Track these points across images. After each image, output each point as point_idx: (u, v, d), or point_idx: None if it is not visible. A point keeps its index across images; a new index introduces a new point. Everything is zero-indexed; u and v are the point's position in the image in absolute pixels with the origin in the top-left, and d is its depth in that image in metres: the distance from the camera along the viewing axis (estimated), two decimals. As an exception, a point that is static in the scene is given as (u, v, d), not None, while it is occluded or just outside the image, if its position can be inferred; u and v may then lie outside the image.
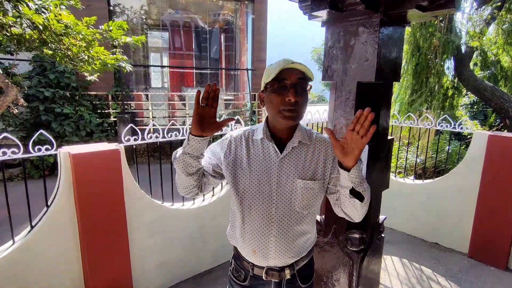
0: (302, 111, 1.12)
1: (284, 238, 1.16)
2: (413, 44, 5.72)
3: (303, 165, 1.16)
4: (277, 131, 1.18)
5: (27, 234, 1.94)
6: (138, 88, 8.92)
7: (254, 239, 1.17)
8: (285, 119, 1.10)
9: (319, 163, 1.17)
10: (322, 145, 1.19)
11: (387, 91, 1.62)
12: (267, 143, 1.17)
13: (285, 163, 1.15)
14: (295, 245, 1.19)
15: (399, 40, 1.55)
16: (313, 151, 1.18)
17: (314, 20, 1.57)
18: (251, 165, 1.17)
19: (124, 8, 8.82)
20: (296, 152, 1.17)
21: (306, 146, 1.18)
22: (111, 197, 2.09)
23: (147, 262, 2.46)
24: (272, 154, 1.16)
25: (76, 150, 1.93)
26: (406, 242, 3.42)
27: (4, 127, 5.87)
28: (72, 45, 3.62)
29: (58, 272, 2.06)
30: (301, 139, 1.16)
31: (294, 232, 1.17)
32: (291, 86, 1.07)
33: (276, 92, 1.09)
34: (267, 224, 1.16)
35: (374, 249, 1.75)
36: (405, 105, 6.03)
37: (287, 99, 1.07)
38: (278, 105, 1.09)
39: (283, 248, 1.17)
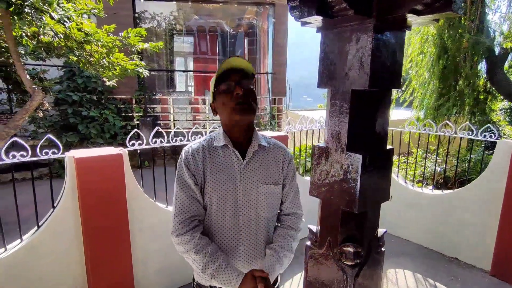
0: (254, 105, 1.14)
1: (253, 244, 1.16)
2: (440, 46, 5.44)
3: (266, 170, 1.16)
4: (235, 136, 1.18)
5: (33, 233, 2.04)
6: (162, 92, 9.19)
7: (223, 249, 1.16)
8: (240, 113, 1.11)
9: (279, 167, 1.21)
10: (279, 150, 1.23)
11: (384, 98, 1.54)
12: (229, 151, 1.16)
13: (248, 170, 1.15)
14: (263, 250, 1.19)
15: (398, 46, 1.47)
16: (273, 156, 1.20)
17: (308, 27, 1.53)
18: (214, 176, 1.15)
19: (149, 15, 9.15)
20: (258, 157, 1.17)
21: (266, 150, 1.19)
22: (113, 200, 2.16)
23: (149, 266, 2.51)
24: (234, 161, 1.15)
25: (80, 154, 2.01)
26: (421, 256, 3.24)
27: (35, 129, 6.27)
28: (94, 51, 3.80)
29: (61, 272, 2.15)
30: (260, 142, 1.18)
31: (262, 238, 1.17)
32: (236, 82, 1.11)
33: (225, 92, 1.12)
34: (236, 232, 1.15)
35: (371, 264, 1.67)
36: (430, 110, 5.74)
37: (235, 94, 1.10)
38: (230, 103, 1.11)
39: (252, 255, 1.16)
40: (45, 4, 2.81)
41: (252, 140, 1.17)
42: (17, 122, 3.68)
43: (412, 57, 5.80)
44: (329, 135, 1.61)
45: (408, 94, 5.97)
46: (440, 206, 3.26)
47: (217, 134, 1.21)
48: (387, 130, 1.64)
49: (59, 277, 2.15)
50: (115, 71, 4.03)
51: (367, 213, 1.47)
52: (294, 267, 3.08)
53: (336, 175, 1.44)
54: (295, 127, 3.49)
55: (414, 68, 5.88)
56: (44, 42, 3.62)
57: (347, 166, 1.43)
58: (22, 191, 2.23)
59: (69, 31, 3.25)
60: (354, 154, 1.34)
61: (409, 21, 1.40)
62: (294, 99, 15.88)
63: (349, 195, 1.41)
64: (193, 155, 1.16)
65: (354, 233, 1.54)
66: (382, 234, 1.79)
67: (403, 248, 3.39)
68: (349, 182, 1.42)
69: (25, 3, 2.68)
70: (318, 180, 1.46)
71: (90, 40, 3.56)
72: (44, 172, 6.24)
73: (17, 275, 2.01)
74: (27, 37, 3.56)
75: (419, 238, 3.49)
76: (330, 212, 1.53)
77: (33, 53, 4.51)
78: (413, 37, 5.70)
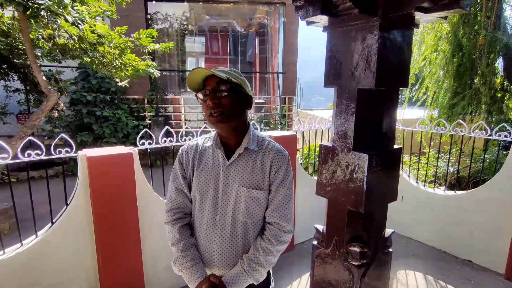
0: (229, 112, 1.12)
1: (227, 246, 1.16)
2: (454, 44, 5.31)
3: (250, 173, 1.16)
4: (224, 138, 1.20)
5: (47, 229, 2.11)
6: (173, 92, 9.31)
7: (200, 244, 1.21)
8: (214, 124, 1.14)
9: (266, 172, 1.17)
10: (269, 154, 1.19)
11: (391, 97, 1.52)
12: (217, 151, 1.19)
13: (231, 171, 1.16)
14: (240, 252, 1.18)
15: (406, 44, 1.45)
16: (261, 159, 1.17)
17: (314, 26, 1.52)
18: (200, 172, 1.20)
19: (161, 16, 9.27)
20: (243, 159, 1.17)
21: (254, 153, 1.17)
22: (124, 198, 2.21)
23: (158, 262, 2.55)
24: (220, 161, 1.17)
25: (91, 153, 2.07)
26: (433, 257, 3.18)
27: (51, 129, 6.46)
28: (107, 52, 3.89)
29: (74, 267, 2.22)
30: (247, 146, 1.16)
31: (237, 240, 1.17)
32: (210, 91, 1.11)
33: (202, 101, 1.14)
34: (212, 231, 1.17)
35: (378, 265, 1.65)
36: (444, 110, 5.61)
37: (207, 104, 1.11)
38: (206, 112, 1.13)
39: (226, 256, 1.17)
40: (60, 7, 2.89)
41: (242, 143, 1.18)
42: (34, 122, 3.80)
43: (425, 55, 5.68)
44: (336, 134, 1.61)
45: (421, 93, 5.86)
46: (453, 207, 3.19)
47: (211, 135, 1.25)
48: (395, 129, 1.62)
49: (72, 272, 2.22)
50: (127, 72, 4.11)
51: (374, 213, 1.46)
52: (302, 266, 3.08)
53: (343, 174, 1.43)
54: (304, 127, 3.48)
55: (428, 66, 5.75)
56: (59, 44, 3.73)
57: (354, 166, 1.42)
58: (39, 188, 2.32)
59: (83, 33, 3.33)
60: (361, 154, 1.33)
61: (417, 19, 1.38)
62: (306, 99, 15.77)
63: (355, 195, 1.40)
64: (187, 151, 1.24)
65: (361, 233, 1.53)
66: (390, 234, 1.78)
67: (414, 250, 3.34)
68: (356, 182, 1.41)
69: (41, 6, 2.76)
70: (324, 180, 1.45)
71: (103, 42, 3.64)
72: (60, 170, 6.41)
73: (32, 269, 2.09)
74: (43, 39, 3.67)
75: (430, 239, 3.42)
76: (337, 212, 1.53)
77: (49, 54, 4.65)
78: (427, 35, 5.58)
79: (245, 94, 1.18)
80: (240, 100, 1.16)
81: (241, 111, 1.17)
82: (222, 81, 1.11)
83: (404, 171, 3.89)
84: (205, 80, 1.13)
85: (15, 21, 3.61)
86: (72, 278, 2.23)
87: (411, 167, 4.33)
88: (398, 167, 1.73)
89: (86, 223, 2.20)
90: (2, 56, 4.42)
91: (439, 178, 4.50)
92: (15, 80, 5.34)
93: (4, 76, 5.03)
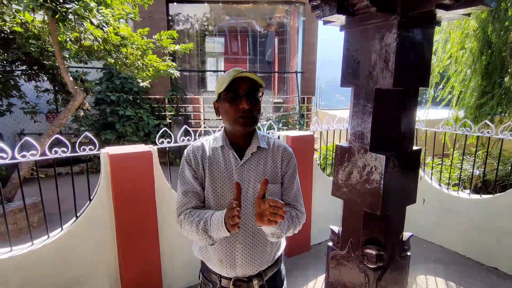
0: (257, 117, 1.16)
1: (250, 245, 1.16)
2: (483, 41, 5.08)
3: (263, 170, 1.17)
4: (235, 138, 1.21)
5: (72, 223, 2.22)
6: (193, 92, 9.46)
7: (220, 248, 1.18)
8: (242, 126, 1.13)
9: (278, 167, 1.21)
10: (278, 150, 1.23)
11: (411, 97, 1.48)
12: (227, 151, 1.20)
13: (245, 169, 1.16)
14: (262, 252, 1.18)
15: (426, 42, 1.41)
16: (272, 156, 1.20)
17: (331, 25, 1.51)
18: (212, 174, 1.19)
19: (182, 17, 9.45)
20: (256, 157, 1.19)
21: (265, 151, 1.19)
22: (143, 195, 2.28)
23: (175, 259, 2.61)
24: (232, 161, 1.18)
25: (113, 151, 2.15)
26: (456, 263, 3.06)
27: (78, 127, 6.75)
28: (130, 54, 4.02)
29: (96, 260, 2.32)
30: (259, 145, 1.19)
31: (260, 238, 1.17)
32: (243, 94, 1.11)
33: (230, 102, 1.13)
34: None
35: (395, 268, 1.61)
36: (471, 110, 5.38)
37: (241, 107, 1.11)
38: (234, 114, 1.13)
39: (249, 256, 1.16)
40: (86, 11, 3.01)
41: (252, 142, 1.19)
42: (61, 121, 3.99)
43: (451, 53, 5.46)
44: (352, 134, 1.58)
45: (446, 92, 5.64)
46: (479, 212, 3.06)
47: (218, 135, 1.26)
48: (414, 130, 1.58)
49: (94, 265, 2.31)
50: (148, 72, 4.22)
51: (391, 215, 1.43)
52: (318, 267, 3.05)
53: (359, 175, 1.42)
54: (322, 127, 3.45)
55: (454, 64, 5.53)
56: (85, 46, 3.89)
57: (370, 167, 1.40)
58: (65, 184, 2.43)
59: (107, 35, 3.46)
60: (378, 155, 1.31)
61: (438, 17, 1.34)
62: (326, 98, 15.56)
63: (372, 196, 1.38)
64: (193, 152, 1.23)
65: (377, 236, 1.51)
66: (408, 238, 1.73)
67: (436, 255, 3.23)
68: (372, 183, 1.39)
69: (69, 10, 2.89)
70: (340, 181, 1.44)
71: (126, 43, 3.76)
72: (84, 167, 6.69)
73: (57, 261, 2.19)
74: (71, 41, 3.84)
75: (454, 244, 3.29)
76: (353, 213, 1.51)
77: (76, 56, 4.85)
78: (453, 32, 5.37)
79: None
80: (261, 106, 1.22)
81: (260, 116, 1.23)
82: (256, 87, 1.14)
83: (426, 173, 3.76)
84: (236, 81, 1.12)
85: (45, 25, 3.80)
86: (94, 271, 2.32)
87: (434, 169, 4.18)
88: (417, 169, 1.68)
89: (108, 218, 2.29)
90: (34, 58, 4.66)
91: (464, 181, 4.32)
92: (44, 80, 5.61)
93: (35, 77, 5.30)
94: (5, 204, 3.83)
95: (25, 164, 3.96)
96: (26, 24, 3.81)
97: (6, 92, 5.13)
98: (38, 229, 3.94)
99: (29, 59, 4.75)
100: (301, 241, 3.30)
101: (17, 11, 3.62)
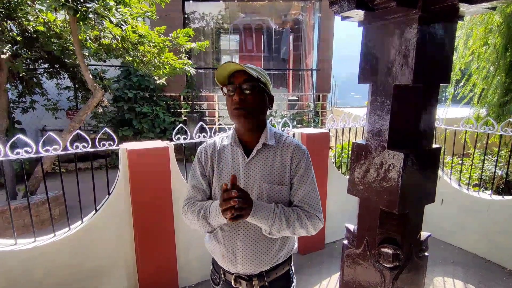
0: (253, 109, 1.12)
1: (251, 244, 1.15)
2: (507, 36, 4.88)
3: (270, 169, 1.15)
4: (243, 136, 1.20)
5: (92, 216, 2.29)
6: (208, 89, 9.53)
7: (222, 242, 1.19)
8: (235, 118, 1.13)
9: (286, 167, 1.17)
10: (289, 149, 1.18)
11: (430, 94, 1.45)
12: (235, 148, 1.19)
13: (251, 167, 1.15)
14: (264, 252, 1.16)
15: (448, 37, 1.37)
16: (281, 155, 1.17)
17: (349, 21, 1.49)
18: (220, 170, 1.20)
19: (198, 15, 9.51)
20: (263, 155, 1.16)
21: (273, 149, 1.17)
22: (160, 189, 2.33)
23: (191, 253, 2.65)
24: (240, 158, 1.17)
25: (131, 147, 2.20)
26: (475, 266, 2.97)
27: (96, 124, 6.93)
28: (147, 52, 4.09)
29: (114, 252, 2.38)
30: (265, 141, 1.16)
31: (262, 237, 1.15)
32: (237, 86, 1.10)
33: (227, 94, 1.14)
34: (234, 228, 1.16)
35: (412, 268, 1.58)
36: (494, 108, 5.19)
37: (233, 99, 1.10)
38: (230, 106, 1.13)
39: (250, 254, 1.15)
40: (105, 10, 3.08)
41: (260, 139, 1.18)
42: (81, 117, 4.11)
43: (473, 49, 5.27)
44: (369, 132, 1.56)
45: (467, 90, 5.46)
46: (501, 213, 2.96)
47: (230, 133, 1.26)
48: (434, 128, 1.54)
49: (112, 257, 2.38)
50: (165, 70, 4.29)
51: (409, 214, 1.40)
52: (332, 266, 3.03)
53: (376, 173, 1.40)
54: (337, 125, 3.41)
55: (476, 61, 5.34)
56: (104, 44, 3.99)
57: (388, 165, 1.38)
58: (85, 178, 2.51)
59: (125, 34, 3.53)
60: (396, 152, 1.29)
61: (461, 11, 1.30)
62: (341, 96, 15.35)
63: (389, 195, 1.36)
64: (205, 149, 1.25)
65: (394, 235, 1.49)
66: (426, 238, 1.70)
67: (454, 257, 3.15)
68: (390, 182, 1.37)
69: (89, 9, 2.97)
70: (356, 178, 1.43)
71: (143, 41, 3.83)
72: (103, 163, 6.87)
73: (78, 252, 2.28)
74: (90, 40, 3.95)
75: (473, 247, 3.20)
76: (369, 212, 1.49)
77: (95, 54, 4.98)
78: (476, 27, 5.18)
79: (268, 94, 1.20)
80: (263, 99, 1.17)
81: (263, 110, 1.18)
82: (250, 79, 1.11)
83: (446, 173, 3.66)
84: (233, 75, 1.13)
85: (66, 24, 3.92)
86: (112, 263, 2.39)
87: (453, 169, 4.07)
88: (437, 168, 1.64)
89: (126, 212, 2.35)
90: (55, 57, 4.81)
91: (485, 181, 4.18)
92: (65, 78, 5.79)
93: (56, 74, 5.47)
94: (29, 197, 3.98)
95: (48, 159, 4.11)
96: (49, 23, 3.94)
97: (29, 89, 5.33)
98: (60, 221, 4.09)
99: (51, 57, 4.91)
100: (315, 239, 3.28)
101: (40, 11, 3.74)
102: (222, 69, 1.11)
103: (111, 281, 2.40)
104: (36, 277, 2.15)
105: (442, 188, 3.46)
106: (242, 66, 1.09)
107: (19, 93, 5.47)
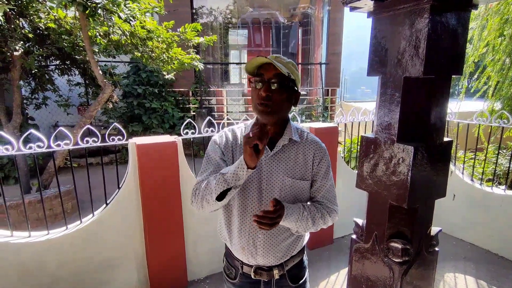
0: (277, 107, 1.09)
1: (272, 236, 1.15)
2: (524, 27, 4.72)
3: (293, 164, 1.14)
4: None
5: (102, 209, 2.33)
6: (216, 84, 9.53)
7: (242, 236, 1.18)
8: (259, 114, 1.10)
9: (308, 164, 1.17)
10: (311, 146, 1.18)
11: (442, 85, 1.41)
12: None
13: (275, 161, 1.14)
14: (284, 244, 1.16)
15: (461, 27, 1.33)
16: (303, 151, 1.15)
17: (358, 11, 1.46)
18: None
19: (206, 10, 9.49)
20: (287, 150, 1.15)
21: (297, 144, 1.15)
22: (169, 183, 2.35)
23: (199, 246, 2.68)
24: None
25: (141, 141, 2.22)
26: (487, 262, 2.92)
27: (107, 119, 7.03)
28: (155, 47, 4.10)
29: (124, 245, 2.42)
30: (291, 137, 1.15)
31: (282, 229, 1.16)
32: (266, 81, 1.06)
33: (253, 87, 1.10)
34: None
35: (422, 263, 1.56)
36: (509, 101, 5.05)
37: (259, 93, 1.07)
38: (255, 99, 1.10)
39: (271, 246, 1.15)
40: (114, 6, 3.10)
41: (284, 134, 1.16)
42: (91, 113, 4.16)
43: (488, 41, 5.11)
44: (379, 125, 1.54)
45: (481, 82, 5.32)
46: (514, 209, 2.89)
47: (249, 123, 1.24)
48: (445, 121, 1.51)
49: (122, 250, 2.42)
50: (173, 65, 4.29)
51: (419, 209, 1.38)
52: (340, 261, 3.02)
53: (385, 167, 1.38)
54: (346, 119, 3.37)
55: (491, 53, 5.19)
56: (113, 40, 4.02)
57: (397, 158, 1.36)
58: (95, 173, 2.55)
59: (134, 29, 3.55)
60: (405, 146, 1.27)
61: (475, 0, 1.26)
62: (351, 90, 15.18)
63: (398, 189, 1.34)
64: (226, 133, 1.22)
65: (403, 229, 1.47)
66: (436, 233, 1.67)
67: (466, 252, 3.10)
68: (399, 176, 1.35)
69: (98, 5, 2.99)
70: (365, 172, 1.41)
71: (152, 37, 3.84)
72: (113, 158, 6.97)
73: (89, 245, 2.32)
74: (100, 36, 3.98)
75: (485, 242, 3.14)
76: (378, 206, 1.48)
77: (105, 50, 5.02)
78: (491, 18, 5.02)
79: (296, 91, 1.16)
80: (289, 97, 1.13)
81: (288, 107, 1.16)
82: (280, 75, 1.06)
83: (458, 168, 3.59)
84: (262, 66, 1.09)
85: (76, 20, 3.96)
86: (123, 255, 2.43)
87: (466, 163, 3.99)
88: (448, 162, 1.61)
89: (136, 205, 2.38)
90: (66, 53, 4.88)
91: (499, 176, 4.09)
92: (76, 74, 5.87)
93: (67, 71, 5.55)
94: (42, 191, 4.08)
95: (60, 154, 4.19)
96: (59, 20, 3.99)
97: (42, 86, 5.42)
98: (72, 215, 4.18)
99: (62, 54, 4.97)
100: (324, 234, 3.27)
101: (51, 8, 3.79)
102: (254, 61, 1.07)
103: (121, 273, 2.45)
104: (49, 268, 2.21)
105: (454, 183, 3.39)
106: (273, 62, 1.04)
107: (32, 89, 5.57)
